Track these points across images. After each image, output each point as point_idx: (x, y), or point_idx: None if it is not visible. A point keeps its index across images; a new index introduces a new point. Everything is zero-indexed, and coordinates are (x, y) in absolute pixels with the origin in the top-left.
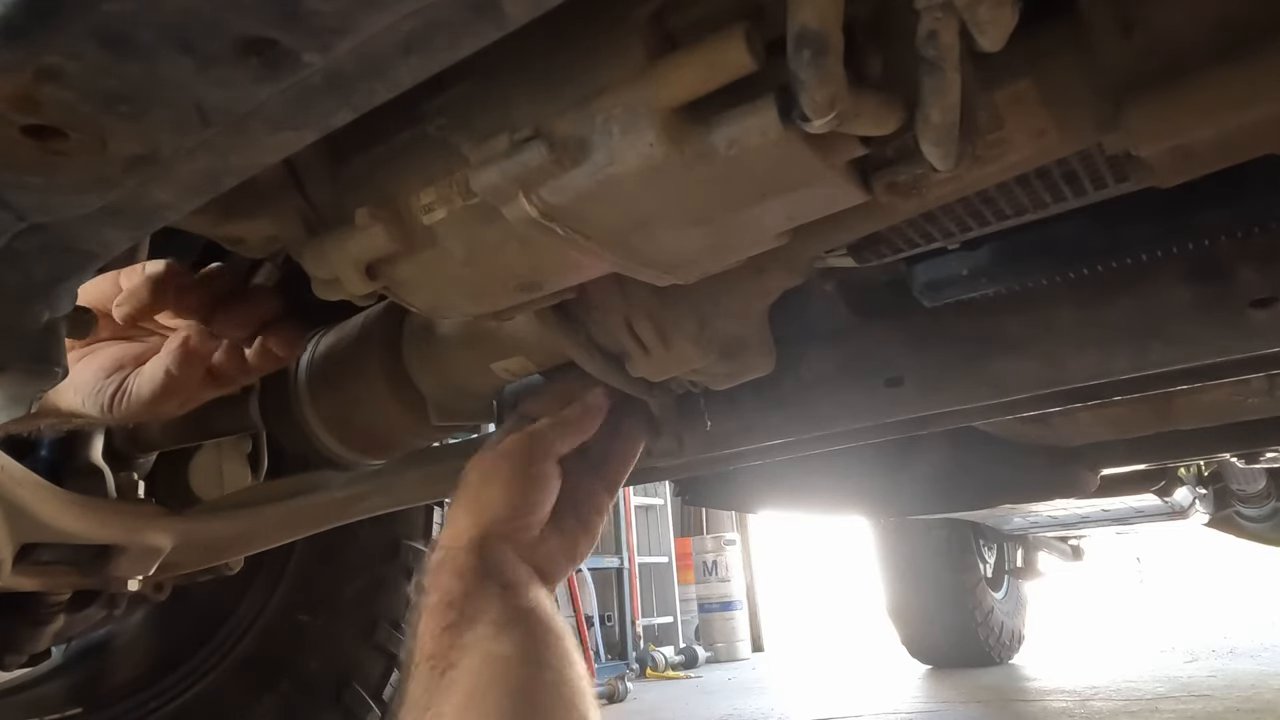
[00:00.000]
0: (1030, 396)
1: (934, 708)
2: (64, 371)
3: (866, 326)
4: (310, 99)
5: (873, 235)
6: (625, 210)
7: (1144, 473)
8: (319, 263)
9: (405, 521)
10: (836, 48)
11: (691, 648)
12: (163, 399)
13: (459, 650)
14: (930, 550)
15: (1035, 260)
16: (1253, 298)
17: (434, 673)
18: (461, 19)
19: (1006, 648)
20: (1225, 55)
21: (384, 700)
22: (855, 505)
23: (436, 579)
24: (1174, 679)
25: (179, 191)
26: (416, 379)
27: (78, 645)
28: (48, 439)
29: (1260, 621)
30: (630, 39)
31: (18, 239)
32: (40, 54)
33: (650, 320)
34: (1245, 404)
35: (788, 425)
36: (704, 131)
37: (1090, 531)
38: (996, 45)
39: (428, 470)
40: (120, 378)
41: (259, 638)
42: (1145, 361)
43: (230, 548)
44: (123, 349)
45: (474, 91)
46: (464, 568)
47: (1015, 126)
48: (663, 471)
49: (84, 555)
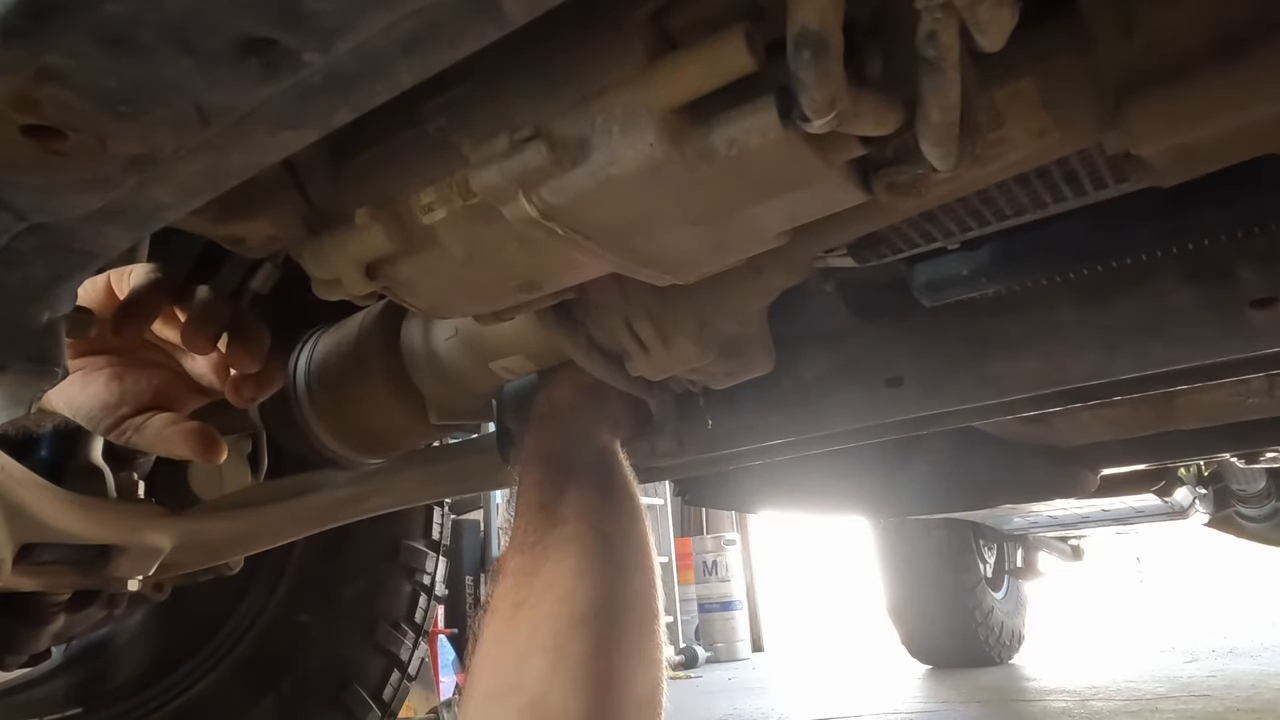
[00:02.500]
0: (1030, 396)
1: (934, 708)
2: (64, 372)
3: (866, 326)
4: (310, 99)
5: (873, 235)
6: (625, 210)
7: (1144, 473)
8: (319, 263)
9: (405, 521)
10: (836, 48)
11: (691, 648)
12: (162, 455)
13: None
14: (930, 550)
15: (1035, 260)
16: (1253, 298)
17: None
18: (461, 19)
19: (1006, 648)
20: (1225, 55)
21: (384, 700)
22: (855, 505)
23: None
24: (1174, 679)
25: (179, 191)
26: (416, 379)
27: (78, 645)
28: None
29: (1260, 621)
30: (630, 39)
31: (18, 239)
32: (40, 54)
33: (650, 320)
34: (1245, 404)
35: (788, 425)
36: (704, 132)
37: (1090, 531)
38: (996, 45)
39: (428, 470)
40: (117, 417)
41: (259, 638)
42: (1145, 362)
43: (230, 548)
44: (120, 380)
45: (474, 91)
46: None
47: (1015, 126)
48: (663, 471)
49: (84, 555)
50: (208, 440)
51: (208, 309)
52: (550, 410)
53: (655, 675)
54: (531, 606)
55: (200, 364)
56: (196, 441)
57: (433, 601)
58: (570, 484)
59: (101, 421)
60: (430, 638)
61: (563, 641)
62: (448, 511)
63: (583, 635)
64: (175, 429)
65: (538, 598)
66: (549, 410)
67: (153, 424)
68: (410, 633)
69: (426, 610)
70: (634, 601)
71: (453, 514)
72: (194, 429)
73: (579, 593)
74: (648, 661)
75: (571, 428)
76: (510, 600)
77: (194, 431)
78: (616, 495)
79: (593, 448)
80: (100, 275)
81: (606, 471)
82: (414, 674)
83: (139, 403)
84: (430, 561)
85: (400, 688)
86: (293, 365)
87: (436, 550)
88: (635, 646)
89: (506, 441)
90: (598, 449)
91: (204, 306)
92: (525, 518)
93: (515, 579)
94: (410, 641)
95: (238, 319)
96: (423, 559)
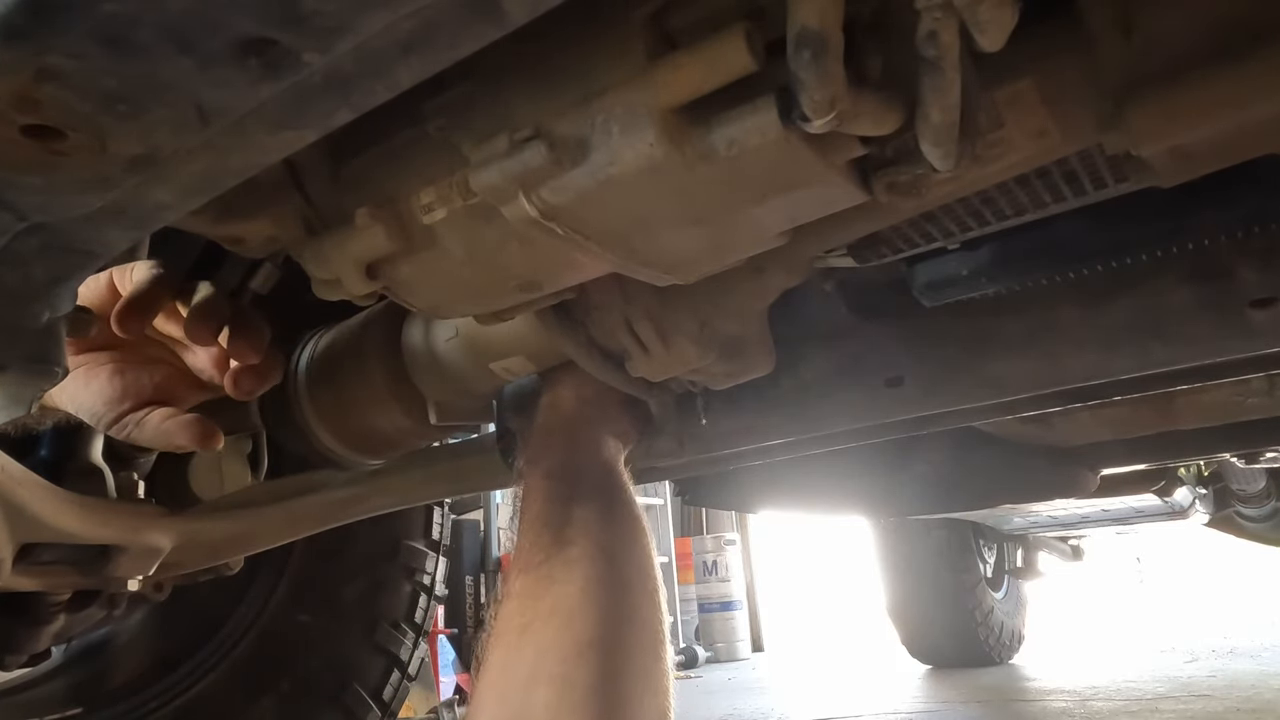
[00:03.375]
0: (1030, 396)
1: (934, 708)
2: (64, 371)
3: (866, 326)
4: (310, 99)
5: (873, 235)
6: (625, 210)
7: (1144, 473)
8: (319, 263)
9: (405, 521)
10: (836, 48)
11: (691, 648)
12: (162, 449)
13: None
14: (930, 550)
15: (1035, 260)
16: (1253, 298)
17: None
18: (461, 19)
19: (1006, 648)
20: (1225, 55)
21: (384, 700)
22: (855, 505)
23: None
24: (1174, 679)
25: (179, 191)
26: (416, 379)
27: (78, 645)
28: (48, 439)
29: (1260, 621)
30: (630, 39)
31: (18, 239)
32: (40, 54)
33: (650, 320)
34: (1245, 404)
35: (788, 425)
36: (704, 132)
37: (1090, 531)
38: (996, 45)
39: (428, 470)
40: (119, 412)
41: (259, 638)
42: (1145, 361)
43: (230, 548)
44: (121, 376)
45: (474, 91)
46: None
47: (1015, 126)
48: (663, 471)
49: (84, 555)
50: (205, 429)
51: (210, 302)
52: (555, 422)
53: (663, 703)
54: (537, 631)
55: (201, 359)
56: (194, 430)
57: (433, 601)
58: (576, 501)
59: (104, 417)
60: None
61: (569, 669)
62: (448, 511)
63: (589, 662)
64: (173, 420)
65: (543, 622)
66: (554, 421)
67: (152, 418)
68: (410, 633)
69: (426, 610)
70: (641, 628)
71: (453, 514)
72: (191, 419)
73: (585, 618)
74: (655, 689)
75: (577, 441)
76: (516, 624)
77: (191, 421)
78: (622, 514)
79: (598, 463)
80: (102, 273)
81: (612, 489)
82: (414, 674)
83: (141, 398)
84: (430, 561)
85: (400, 688)
86: (293, 366)
87: (436, 550)
88: (642, 673)
89: (507, 442)
90: (603, 464)
91: (207, 300)
92: (530, 536)
93: (520, 601)
94: (410, 641)
95: (238, 313)
96: (423, 559)
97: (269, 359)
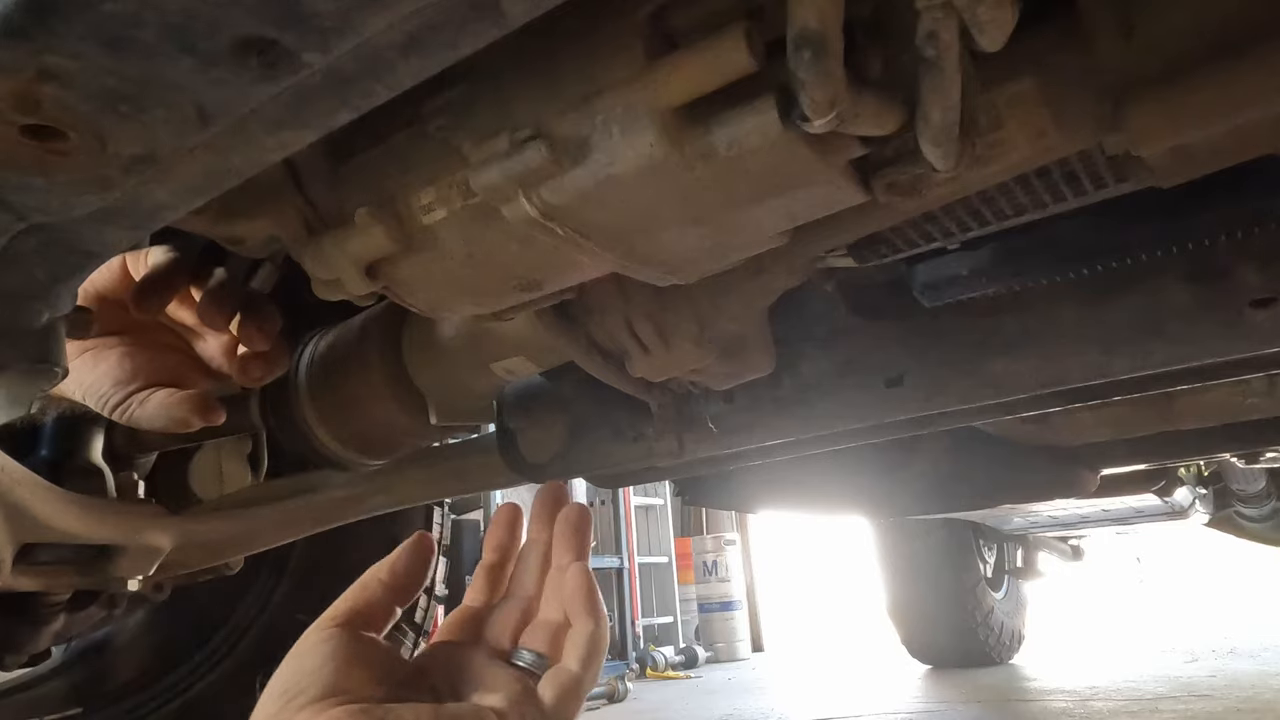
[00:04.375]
0: (1030, 396)
1: (934, 708)
2: (64, 371)
3: (866, 326)
4: (310, 99)
5: (873, 235)
6: (625, 210)
7: (1144, 473)
8: (319, 263)
9: (405, 521)
10: (836, 48)
11: (691, 648)
12: (164, 430)
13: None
14: (930, 550)
15: (1035, 260)
16: (1253, 298)
17: None
18: (461, 19)
19: (1006, 648)
20: (1225, 55)
21: None
22: (855, 505)
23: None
24: (1174, 679)
25: (179, 191)
26: (417, 379)
27: (78, 645)
28: (48, 438)
29: (1260, 621)
30: (630, 39)
31: (18, 239)
32: (40, 54)
33: (650, 320)
34: (1245, 404)
35: (788, 425)
36: (704, 132)
37: (1090, 531)
38: (996, 45)
39: (428, 470)
40: (126, 393)
41: (259, 637)
42: (1145, 361)
43: (230, 548)
44: (131, 358)
45: (474, 91)
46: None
47: (1015, 126)
48: (663, 471)
49: (84, 555)
50: (206, 404)
51: (225, 287)
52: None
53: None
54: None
55: (211, 345)
56: (196, 404)
57: (433, 601)
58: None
59: (110, 397)
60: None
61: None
62: (448, 511)
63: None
64: (175, 397)
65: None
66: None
67: (156, 396)
68: (410, 633)
69: (426, 610)
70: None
71: (453, 514)
72: (192, 394)
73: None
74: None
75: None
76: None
77: (194, 395)
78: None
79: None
80: (115, 258)
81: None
82: None
83: (149, 379)
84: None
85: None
86: (293, 366)
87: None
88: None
89: (507, 442)
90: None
91: (221, 284)
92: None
93: None
94: (410, 641)
95: (251, 300)
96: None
97: (278, 347)
